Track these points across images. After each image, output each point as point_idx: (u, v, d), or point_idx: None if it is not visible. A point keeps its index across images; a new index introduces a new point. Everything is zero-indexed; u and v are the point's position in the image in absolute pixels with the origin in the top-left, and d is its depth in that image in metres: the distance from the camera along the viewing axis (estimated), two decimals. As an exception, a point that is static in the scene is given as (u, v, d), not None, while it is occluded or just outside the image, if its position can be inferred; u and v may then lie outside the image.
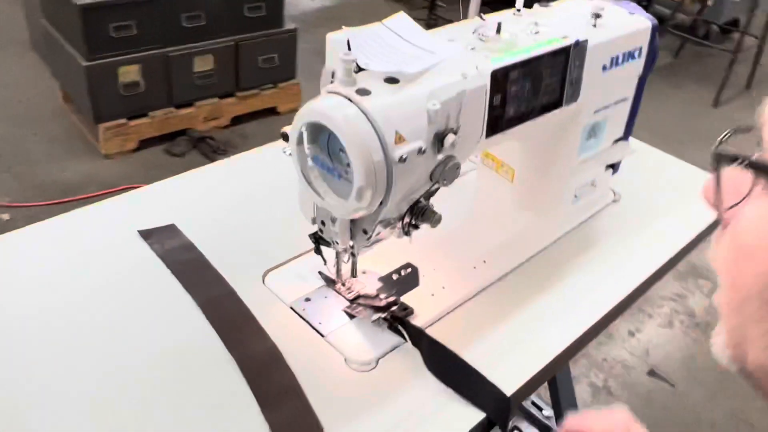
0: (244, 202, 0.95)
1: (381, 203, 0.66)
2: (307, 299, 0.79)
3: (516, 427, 1.27)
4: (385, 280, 0.82)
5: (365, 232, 0.70)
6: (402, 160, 0.63)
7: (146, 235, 0.87)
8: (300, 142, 0.65)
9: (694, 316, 2.00)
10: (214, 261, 0.83)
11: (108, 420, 0.64)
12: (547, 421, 1.39)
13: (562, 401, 1.31)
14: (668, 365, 1.82)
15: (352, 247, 0.72)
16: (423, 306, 0.78)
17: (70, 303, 0.77)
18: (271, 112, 2.73)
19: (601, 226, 0.97)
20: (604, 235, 0.95)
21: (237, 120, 2.65)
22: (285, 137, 0.68)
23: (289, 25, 2.64)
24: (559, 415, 1.36)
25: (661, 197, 1.04)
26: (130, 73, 2.32)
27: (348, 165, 0.65)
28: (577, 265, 0.88)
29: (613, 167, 1.00)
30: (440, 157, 0.68)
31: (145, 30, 2.28)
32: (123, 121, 2.39)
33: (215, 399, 0.67)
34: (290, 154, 0.67)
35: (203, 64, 2.47)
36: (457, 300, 0.79)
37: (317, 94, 0.65)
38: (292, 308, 0.78)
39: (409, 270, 0.84)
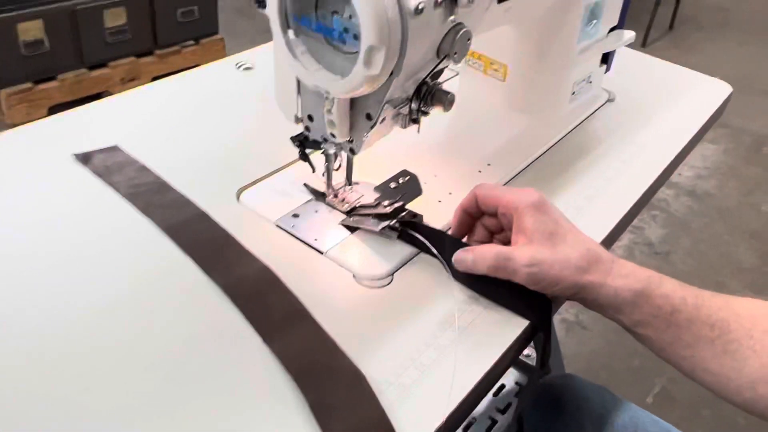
0: (202, 116, 0.83)
1: (391, 73, 0.54)
2: (295, 215, 0.67)
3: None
4: (383, 189, 0.72)
5: (369, 117, 0.59)
6: (418, 11, 0.51)
7: (84, 158, 0.72)
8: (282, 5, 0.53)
9: (652, 246, 1.99)
10: (175, 184, 0.69)
11: (81, 372, 0.50)
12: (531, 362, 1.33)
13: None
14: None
15: (351, 141, 0.61)
16: (432, 213, 0.68)
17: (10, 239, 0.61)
18: (195, 71, 2.53)
19: (601, 125, 0.91)
20: (606, 134, 0.89)
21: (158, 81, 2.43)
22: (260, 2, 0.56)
23: (207, -27, 2.43)
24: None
25: (653, 97, 0.98)
26: (31, 30, 2.07)
27: (345, 31, 0.53)
28: (583, 166, 0.81)
29: (607, 63, 0.93)
30: (451, 18, 0.57)
31: (45, -20, 2.03)
32: (29, 85, 2.14)
33: (202, 335, 0.54)
34: (247, 68, 0.55)
35: (115, 18, 2.24)
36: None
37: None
38: (278, 226, 0.66)
39: (408, 177, 0.74)
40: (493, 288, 0.58)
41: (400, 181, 0.73)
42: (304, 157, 0.67)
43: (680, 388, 1.56)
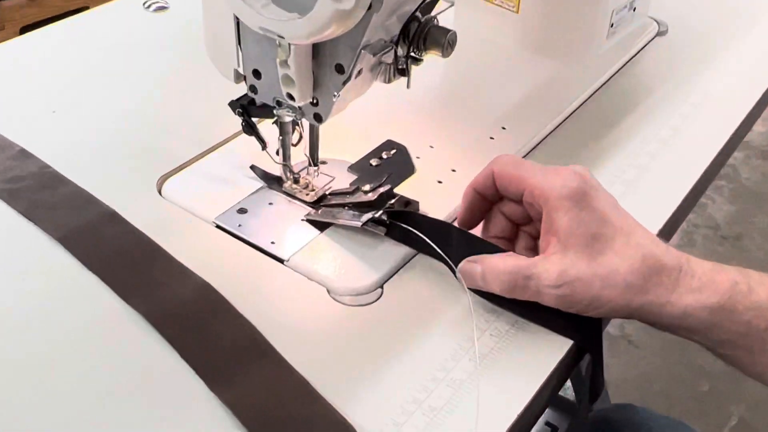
0: (101, 78, 0.82)
1: (369, 7, 0.53)
2: (242, 210, 0.66)
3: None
4: (361, 168, 0.72)
5: (340, 69, 0.58)
6: None
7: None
8: None
9: (718, 229, 2.01)
10: (70, 174, 0.69)
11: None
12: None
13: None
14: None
15: (315, 104, 0.60)
16: (430, 198, 0.68)
17: None
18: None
19: (650, 69, 0.91)
20: (658, 80, 0.89)
21: (28, 31, 2.39)
22: None
23: None
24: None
25: (720, 27, 0.99)
26: None
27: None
28: (629, 126, 0.81)
29: (655, -18, 0.93)
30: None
31: None
32: None
33: (120, 389, 0.53)
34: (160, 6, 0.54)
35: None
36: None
37: None
38: (218, 226, 0.65)
39: (394, 151, 0.74)
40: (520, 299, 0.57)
41: (384, 156, 0.73)
42: (250, 129, 0.66)
43: (763, 418, 1.58)
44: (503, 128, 0.78)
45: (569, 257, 0.54)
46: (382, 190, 0.65)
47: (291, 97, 0.59)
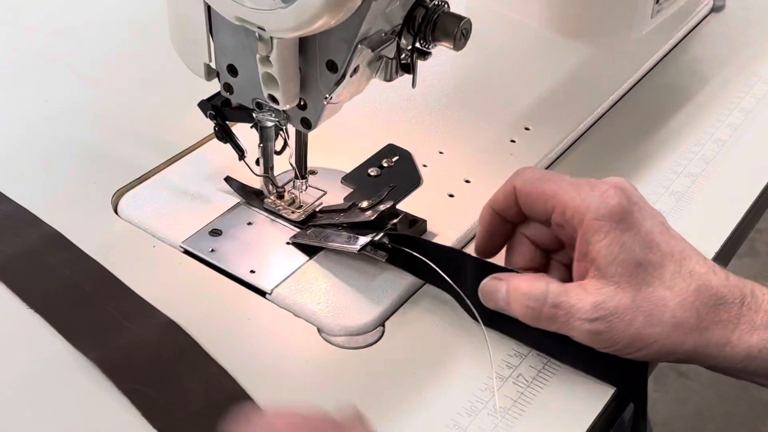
0: (43, 65, 0.83)
1: None
2: (215, 232, 0.68)
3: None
4: (356, 179, 0.73)
5: (333, 67, 0.59)
6: None
7: None
8: None
9: (786, 234, 2.03)
10: (3, 188, 0.70)
11: None
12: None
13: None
14: None
15: (303, 107, 0.61)
16: (439, 215, 0.69)
17: None
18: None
19: (703, 53, 0.92)
20: (713, 66, 0.90)
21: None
22: None
23: None
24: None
25: None
26: None
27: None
28: (679, 124, 0.82)
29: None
30: None
31: None
32: None
33: None
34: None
35: None
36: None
37: None
38: (187, 251, 0.67)
39: (396, 158, 0.75)
40: (550, 336, 0.58)
41: (385, 164, 0.74)
42: (224, 135, 0.67)
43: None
44: (526, 129, 0.79)
45: (609, 287, 0.55)
46: (382, 207, 0.65)
47: (274, 100, 0.60)
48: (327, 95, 0.59)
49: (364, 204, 0.66)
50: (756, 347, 0.54)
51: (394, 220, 0.66)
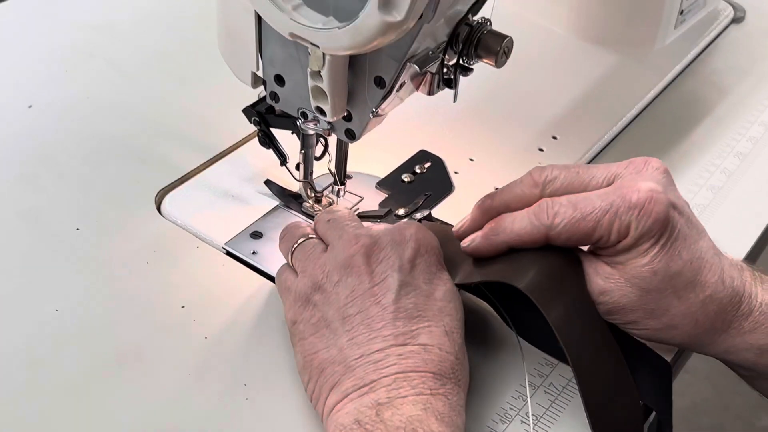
0: (83, 63, 0.83)
1: (421, 15, 0.55)
2: (256, 234, 0.69)
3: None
4: (391, 185, 0.74)
5: (380, 83, 0.60)
6: None
7: None
8: None
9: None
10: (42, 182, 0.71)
11: None
12: None
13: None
14: None
15: (348, 119, 0.63)
16: None
17: None
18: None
19: (725, 62, 0.94)
20: (735, 76, 0.91)
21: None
22: None
23: None
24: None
25: None
26: None
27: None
28: (702, 134, 0.84)
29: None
30: None
31: None
32: None
33: None
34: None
35: None
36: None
37: None
38: (229, 252, 0.68)
39: (428, 164, 0.76)
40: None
41: (418, 170, 0.75)
42: (267, 141, 0.68)
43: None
44: (554, 137, 0.80)
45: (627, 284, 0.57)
46: (419, 216, 0.67)
47: (321, 112, 0.61)
48: (374, 109, 0.61)
49: (401, 212, 0.68)
50: (734, 347, 0.59)
51: (431, 229, 0.68)
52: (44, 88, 0.81)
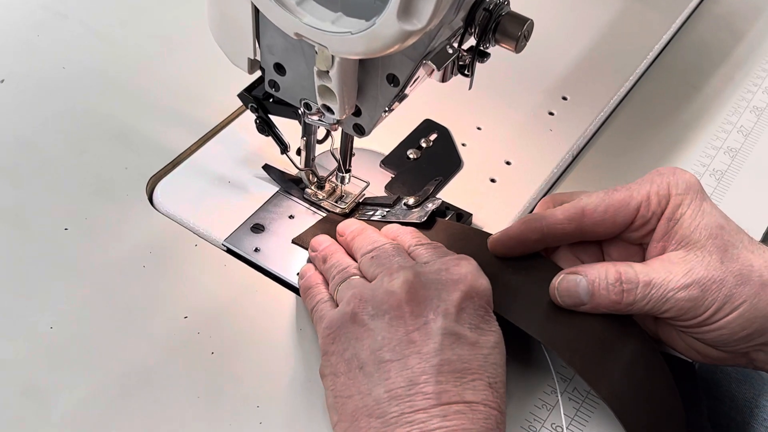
0: (61, 34, 0.78)
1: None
2: (257, 227, 0.66)
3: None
4: (396, 163, 0.71)
5: (393, 80, 0.56)
6: None
7: None
8: None
9: None
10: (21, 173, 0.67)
11: None
12: None
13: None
14: None
15: (358, 114, 0.60)
16: (482, 204, 0.68)
17: None
18: None
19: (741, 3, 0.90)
20: (752, 18, 0.88)
21: None
22: None
23: None
24: None
25: None
26: None
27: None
28: (715, 89, 0.81)
29: None
30: None
31: None
32: None
33: None
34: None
35: None
36: (544, 179, 0.71)
37: None
38: (229, 249, 0.65)
39: (434, 136, 0.73)
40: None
41: (423, 144, 0.72)
42: (266, 128, 0.64)
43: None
44: (564, 98, 0.78)
45: (694, 253, 0.56)
46: (431, 205, 0.64)
47: (329, 110, 0.58)
48: (386, 108, 0.58)
49: (411, 201, 0.65)
50: None
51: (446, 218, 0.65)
52: (17, 58, 0.76)
